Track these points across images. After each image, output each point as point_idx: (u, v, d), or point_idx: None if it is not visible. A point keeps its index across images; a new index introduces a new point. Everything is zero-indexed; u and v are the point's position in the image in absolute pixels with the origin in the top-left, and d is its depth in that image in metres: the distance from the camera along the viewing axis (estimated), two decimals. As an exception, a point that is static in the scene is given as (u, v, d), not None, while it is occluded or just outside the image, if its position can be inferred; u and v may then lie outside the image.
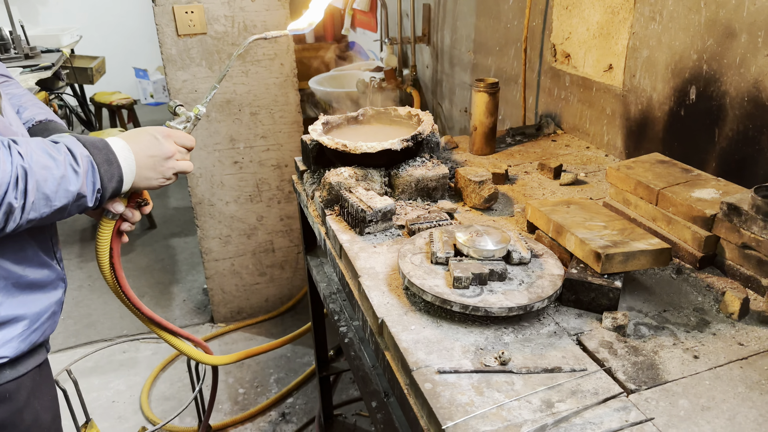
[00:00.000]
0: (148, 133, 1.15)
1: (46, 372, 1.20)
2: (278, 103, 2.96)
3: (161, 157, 1.15)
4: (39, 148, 0.97)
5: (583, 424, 0.93)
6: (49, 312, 1.14)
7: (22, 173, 0.93)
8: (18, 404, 1.10)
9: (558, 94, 2.27)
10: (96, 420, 2.11)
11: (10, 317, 1.06)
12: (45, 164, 0.96)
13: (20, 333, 1.08)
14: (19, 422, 1.10)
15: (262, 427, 2.61)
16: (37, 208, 0.96)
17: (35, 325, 1.11)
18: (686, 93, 1.68)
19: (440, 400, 0.99)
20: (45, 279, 1.13)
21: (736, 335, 1.12)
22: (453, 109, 3.25)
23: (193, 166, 1.23)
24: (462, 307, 1.14)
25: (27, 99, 1.31)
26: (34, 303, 1.10)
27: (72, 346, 3.16)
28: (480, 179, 1.61)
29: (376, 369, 1.59)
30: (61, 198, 0.99)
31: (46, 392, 1.19)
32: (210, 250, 3.14)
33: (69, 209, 1.02)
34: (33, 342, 1.11)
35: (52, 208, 0.98)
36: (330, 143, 1.63)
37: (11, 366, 1.08)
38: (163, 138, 1.16)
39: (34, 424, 1.14)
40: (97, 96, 5.57)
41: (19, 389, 1.10)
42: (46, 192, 0.96)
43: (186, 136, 1.22)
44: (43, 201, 0.96)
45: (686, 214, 1.35)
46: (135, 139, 1.13)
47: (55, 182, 0.97)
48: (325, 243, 1.64)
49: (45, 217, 0.99)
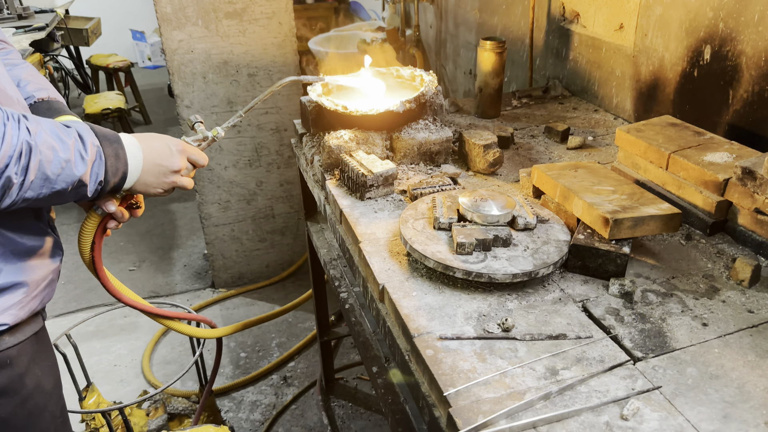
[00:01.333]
0: (164, 142, 1.15)
1: (44, 339, 1.19)
2: (277, 64, 2.88)
3: (168, 169, 1.15)
4: (49, 128, 0.96)
5: (588, 392, 0.91)
6: (48, 279, 1.13)
7: (26, 149, 0.91)
8: (19, 370, 1.09)
9: (566, 55, 2.19)
10: (98, 383, 2.12)
11: (9, 284, 1.04)
12: (52, 145, 0.95)
13: (19, 300, 1.06)
14: (21, 388, 1.10)
15: (263, 390, 2.63)
16: (36, 188, 0.95)
17: (34, 292, 1.10)
18: (700, 53, 1.62)
19: (442, 366, 0.96)
20: (42, 246, 1.11)
21: (747, 302, 1.09)
22: (457, 71, 3.17)
23: (193, 183, 1.23)
24: (465, 273, 1.11)
25: (29, 73, 1.27)
26: (33, 270, 1.09)
27: (73, 310, 3.16)
28: (485, 143, 1.56)
29: (377, 335, 1.57)
30: (62, 182, 0.97)
31: (46, 358, 1.19)
32: (209, 215, 3.11)
33: (67, 195, 1.00)
34: (32, 309, 1.10)
35: (51, 190, 0.97)
36: (330, 105, 1.58)
37: (11, 333, 1.07)
38: (177, 151, 1.16)
39: (36, 389, 1.14)
40: (94, 58, 5.46)
41: (19, 355, 1.09)
42: (48, 173, 0.95)
43: (201, 155, 1.22)
44: (42, 181, 0.95)
45: (698, 178, 1.31)
46: (149, 142, 1.12)
47: (59, 165, 0.96)
48: (326, 208, 1.60)
49: (42, 198, 0.97)
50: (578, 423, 0.86)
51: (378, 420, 2.43)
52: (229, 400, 2.58)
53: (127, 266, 3.55)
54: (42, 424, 1.16)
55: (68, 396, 1.33)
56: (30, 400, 1.12)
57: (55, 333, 2.98)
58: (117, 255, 3.65)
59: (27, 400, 1.11)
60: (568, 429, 0.85)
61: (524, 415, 0.87)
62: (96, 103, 4.44)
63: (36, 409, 1.14)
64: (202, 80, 2.81)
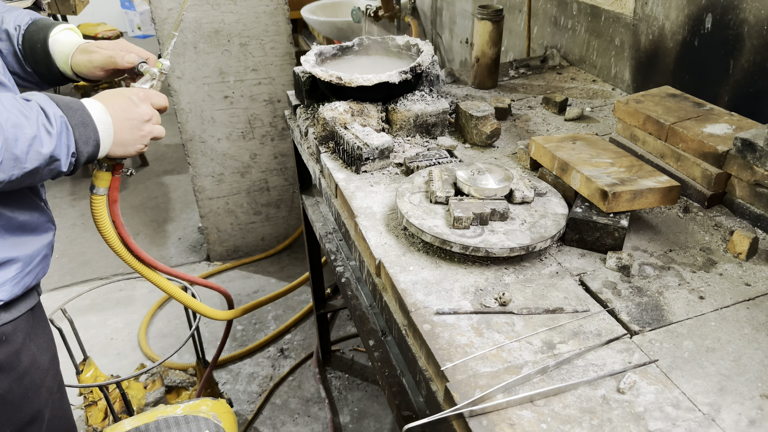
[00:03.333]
0: (125, 95, 1.10)
1: (39, 314, 1.19)
2: (269, 33, 2.82)
3: (139, 120, 1.10)
4: (9, 104, 0.90)
5: (585, 366, 0.91)
6: (41, 255, 1.12)
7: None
8: (15, 346, 1.09)
9: (564, 24, 2.15)
10: (95, 357, 2.13)
11: (2, 260, 1.03)
12: (15, 122, 0.89)
13: (14, 276, 1.05)
14: (17, 364, 1.09)
15: (260, 362, 2.65)
16: (6, 170, 0.89)
17: (28, 267, 1.08)
18: (701, 21, 1.58)
19: (439, 341, 0.96)
20: (35, 221, 1.10)
21: (744, 275, 1.09)
22: (453, 41, 3.12)
23: (165, 131, 1.19)
24: (462, 247, 1.10)
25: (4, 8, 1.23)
26: (26, 245, 1.07)
27: (68, 284, 3.15)
28: (482, 114, 1.54)
29: (373, 308, 1.57)
30: (32, 160, 0.92)
31: (42, 334, 1.18)
32: (203, 188, 3.08)
33: (41, 173, 0.96)
34: (26, 285, 1.08)
35: (23, 170, 0.92)
36: (324, 76, 1.54)
37: (5, 309, 1.06)
38: (139, 100, 1.11)
39: (33, 365, 1.13)
40: (81, 28, 5.33)
41: (15, 332, 1.08)
42: (16, 153, 0.89)
43: (160, 96, 1.17)
44: (12, 162, 0.89)
45: (697, 150, 1.29)
46: (111, 101, 1.07)
47: (26, 142, 0.90)
48: (321, 181, 1.58)
49: (14, 180, 0.92)
50: (575, 396, 0.86)
51: (374, 391, 2.46)
52: (227, 372, 2.60)
53: (122, 240, 3.53)
54: (39, 400, 1.15)
55: (65, 370, 1.33)
56: (26, 376, 1.11)
57: (50, 307, 2.98)
58: (111, 228, 3.63)
59: (23, 377, 1.11)
60: (565, 403, 0.85)
61: (521, 389, 0.87)
62: (85, 74, 4.35)
63: (32, 385, 1.13)
64: (193, 50, 2.75)
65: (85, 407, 2.05)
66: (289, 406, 2.42)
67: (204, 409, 1.53)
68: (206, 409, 1.53)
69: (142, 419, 1.48)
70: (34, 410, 1.15)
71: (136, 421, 1.48)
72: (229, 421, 1.52)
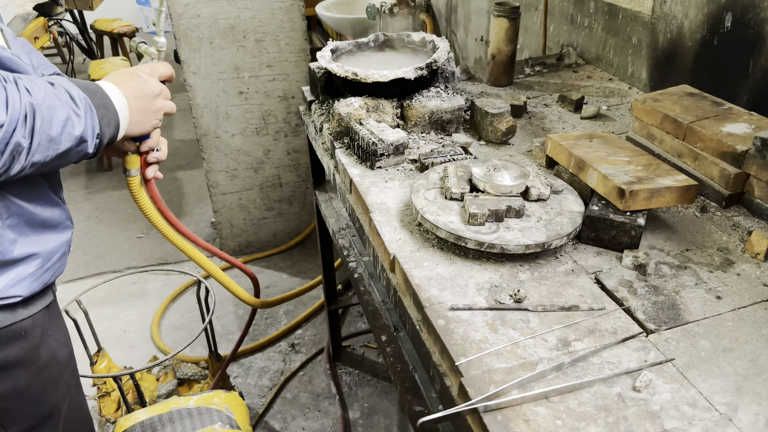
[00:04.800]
0: (133, 74, 1.11)
1: (56, 311, 1.19)
2: (284, 30, 2.83)
3: (150, 96, 1.12)
4: (43, 86, 0.92)
5: (600, 364, 0.91)
6: (60, 252, 1.12)
7: (30, 110, 0.88)
8: (33, 341, 1.09)
9: (581, 22, 2.13)
10: (108, 349, 2.14)
11: (24, 255, 1.03)
12: (50, 104, 0.91)
13: (34, 272, 1.06)
14: (36, 359, 1.10)
15: (271, 356, 2.66)
16: (42, 150, 0.92)
17: (47, 264, 1.09)
18: (721, 20, 1.57)
19: (453, 336, 0.96)
20: (56, 218, 1.11)
21: (762, 276, 1.08)
22: (468, 38, 3.11)
23: (176, 106, 1.21)
24: (477, 244, 1.10)
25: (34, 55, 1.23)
26: (46, 242, 1.08)
27: (82, 276, 3.19)
28: (497, 111, 1.54)
29: (386, 304, 1.58)
30: (65, 141, 0.94)
31: (59, 329, 1.19)
32: (217, 183, 3.10)
33: (70, 155, 0.98)
34: (45, 282, 1.09)
35: (57, 151, 0.94)
36: (339, 71, 1.55)
37: (24, 305, 1.07)
38: (147, 76, 1.13)
39: (51, 360, 1.14)
40: (98, 23, 5.38)
41: (33, 327, 1.09)
42: (51, 134, 0.92)
43: (165, 65, 1.20)
44: (47, 143, 0.92)
45: (715, 149, 1.28)
46: (122, 81, 1.09)
47: (60, 124, 0.93)
48: (335, 177, 1.59)
49: (48, 161, 0.94)
50: (590, 394, 0.86)
51: (385, 387, 2.46)
52: (238, 366, 2.62)
53: (135, 233, 3.56)
54: (57, 393, 1.17)
55: (79, 361, 1.35)
56: (45, 370, 1.12)
57: (65, 299, 3.01)
58: (125, 222, 3.67)
59: (42, 371, 1.12)
60: (580, 400, 0.85)
61: (536, 385, 0.87)
62: (101, 69, 4.38)
63: (51, 379, 1.14)
64: (209, 46, 2.76)
65: (99, 398, 2.07)
66: (300, 400, 2.44)
67: (216, 401, 1.54)
68: (219, 401, 1.54)
69: (155, 410, 1.50)
70: (52, 404, 1.16)
71: (150, 412, 1.49)
72: (241, 413, 1.53)
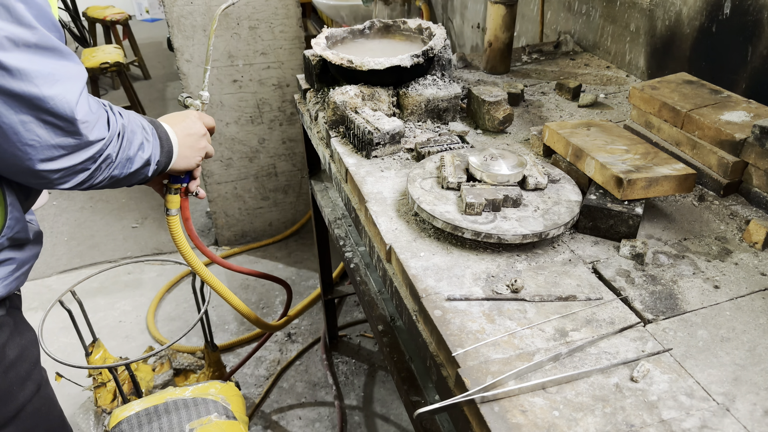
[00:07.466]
0: (184, 115, 1.26)
1: (20, 318, 1.18)
2: (278, 16, 2.79)
3: (197, 136, 1.25)
4: (127, 113, 1.06)
5: (598, 354, 0.90)
6: (29, 264, 1.13)
7: (122, 131, 1.01)
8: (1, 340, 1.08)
9: (578, 9, 2.11)
10: (103, 339, 2.14)
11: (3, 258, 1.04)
12: (133, 128, 1.05)
13: (5, 276, 1.06)
14: (2, 358, 1.09)
15: (268, 346, 2.66)
16: (120, 167, 1.03)
17: (18, 272, 1.09)
18: (720, 7, 1.55)
19: (450, 327, 0.96)
20: (36, 230, 1.14)
21: (759, 265, 1.08)
22: (464, 25, 3.08)
23: (214, 151, 1.30)
24: (474, 234, 1.09)
25: None
26: (24, 251, 1.09)
27: (76, 267, 3.17)
28: (494, 99, 1.52)
29: (382, 294, 1.57)
30: (137, 162, 1.06)
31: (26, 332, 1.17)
32: (212, 172, 3.07)
33: (137, 175, 1.09)
34: (10, 289, 1.09)
35: (130, 170, 1.06)
36: (334, 59, 1.53)
37: None
38: (195, 117, 1.27)
39: (18, 359, 1.13)
40: (90, 10, 5.31)
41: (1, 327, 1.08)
42: (130, 154, 1.04)
43: (209, 117, 1.34)
44: (125, 161, 1.04)
45: (713, 138, 1.27)
46: (174, 121, 1.22)
47: (137, 146, 1.06)
48: (330, 166, 1.57)
49: (121, 178, 1.05)
50: (588, 384, 0.85)
51: (381, 376, 2.47)
52: (234, 356, 2.61)
53: (130, 223, 3.54)
54: (25, 393, 1.15)
55: (75, 351, 1.34)
56: (11, 370, 1.11)
57: (59, 289, 3.00)
58: (119, 212, 3.64)
59: (8, 371, 1.10)
60: (578, 390, 0.84)
61: (533, 376, 0.87)
62: (94, 57, 4.34)
63: (17, 378, 1.13)
64: (203, 33, 2.73)
65: (95, 389, 2.07)
66: (296, 390, 2.44)
67: (213, 391, 1.53)
68: (215, 391, 1.53)
69: (151, 401, 1.49)
70: (20, 403, 1.14)
71: (146, 403, 1.49)
72: (238, 404, 1.53)
